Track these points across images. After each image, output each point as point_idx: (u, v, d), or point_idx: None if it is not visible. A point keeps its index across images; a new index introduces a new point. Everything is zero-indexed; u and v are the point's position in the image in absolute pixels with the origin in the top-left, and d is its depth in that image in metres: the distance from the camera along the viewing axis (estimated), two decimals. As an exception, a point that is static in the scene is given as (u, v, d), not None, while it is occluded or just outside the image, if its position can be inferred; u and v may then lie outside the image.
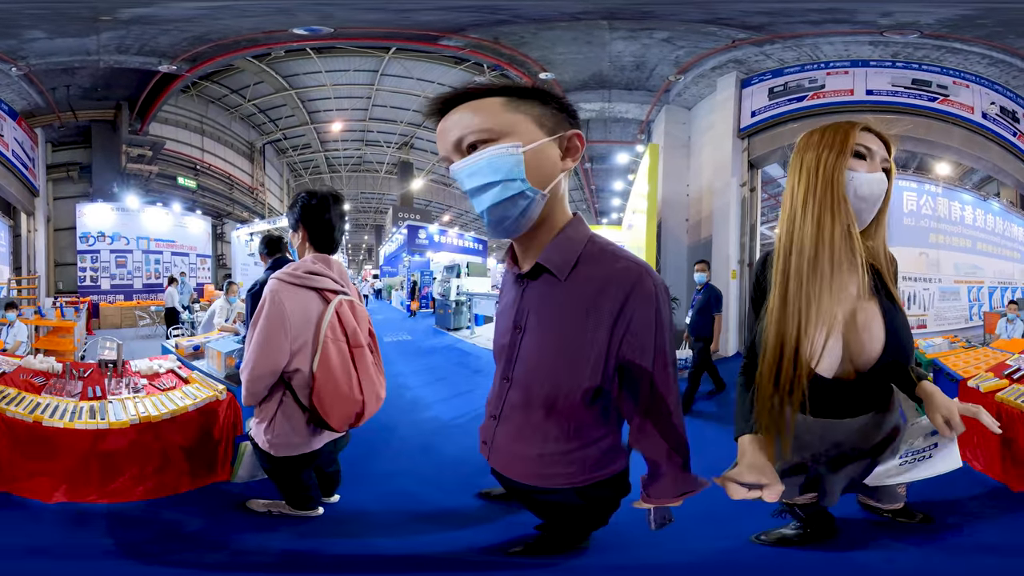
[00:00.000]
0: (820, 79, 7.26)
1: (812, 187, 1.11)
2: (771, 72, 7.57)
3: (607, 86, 9.00)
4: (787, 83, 7.46)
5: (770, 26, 6.90)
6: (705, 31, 7.05)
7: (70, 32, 7.18)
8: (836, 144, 1.12)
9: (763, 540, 1.89)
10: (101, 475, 2.15)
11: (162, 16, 6.94)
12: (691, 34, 7.20)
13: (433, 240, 16.77)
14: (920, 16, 6.27)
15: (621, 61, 8.19)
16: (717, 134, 7.96)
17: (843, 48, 7.11)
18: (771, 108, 7.47)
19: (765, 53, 7.43)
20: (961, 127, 6.80)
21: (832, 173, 1.10)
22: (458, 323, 10.28)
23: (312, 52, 10.32)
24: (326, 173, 17.64)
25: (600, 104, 9.57)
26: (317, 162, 17.01)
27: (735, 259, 7.59)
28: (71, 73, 8.65)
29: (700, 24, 6.94)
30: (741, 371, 1.32)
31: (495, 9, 7.01)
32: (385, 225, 19.41)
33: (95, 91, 9.52)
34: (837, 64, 7.16)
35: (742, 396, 1.28)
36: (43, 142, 10.08)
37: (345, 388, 1.68)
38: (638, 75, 8.61)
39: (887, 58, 6.98)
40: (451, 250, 17.08)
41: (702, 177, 8.53)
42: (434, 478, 2.73)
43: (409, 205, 17.24)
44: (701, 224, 8.60)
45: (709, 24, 6.89)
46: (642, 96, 9.14)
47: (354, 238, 24.50)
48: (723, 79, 7.85)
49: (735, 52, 7.43)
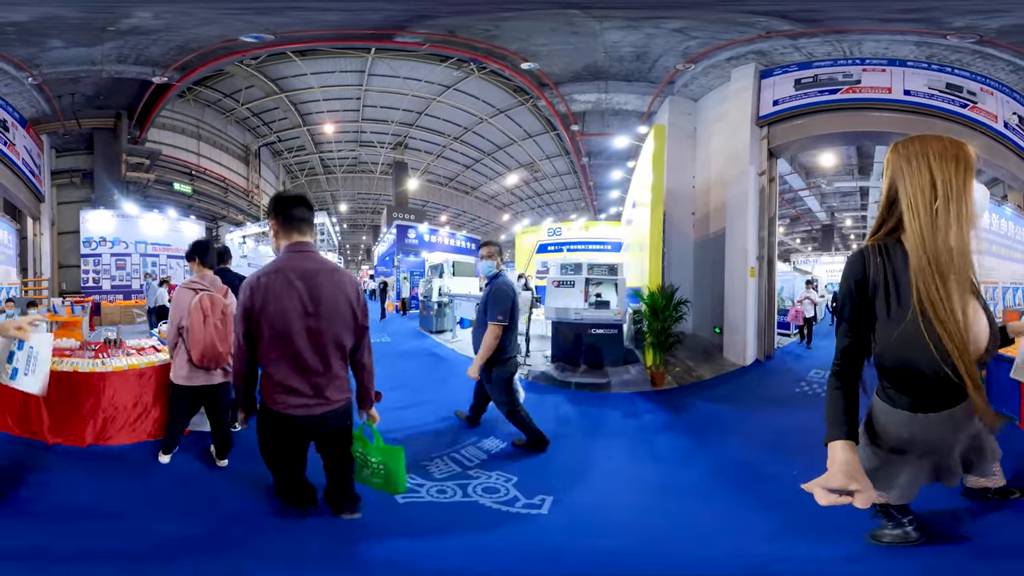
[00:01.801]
0: (855, 74, 6.99)
1: (947, 199, 1.19)
2: (797, 64, 7.29)
3: (602, 77, 8.72)
4: (817, 75, 7.14)
5: (821, 20, 6.54)
6: (739, 21, 6.73)
7: (83, 41, 7.52)
8: (963, 159, 1.22)
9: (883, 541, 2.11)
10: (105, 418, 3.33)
11: (150, 27, 7.25)
12: (710, 24, 6.85)
13: (424, 240, 16.58)
14: (986, 22, 6.11)
15: (618, 51, 7.88)
16: (730, 123, 7.43)
17: (883, 47, 6.92)
18: (797, 98, 7.17)
19: (796, 46, 7.12)
20: (986, 135, 6.78)
21: (965, 187, 1.21)
22: (441, 325, 9.79)
23: (293, 55, 10.61)
24: (321, 175, 18.02)
25: (596, 95, 9.29)
26: (312, 164, 17.38)
27: (753, 255, 6.79)
28: (76, 82, 9.00)
29: (736, 14, 6.61)
30: (833, 375, 1.32)
31: (442, 2, 6.95)
32: (381, 226, 19.72)
33: (97, 99, 9.90)
34: (873, 62, 6.96)
35: (835, 401, 1.28)
36: (48, 148, 10.47)
37: (199, 337, 2.84)
38: (639, 66, 8.27)
39: (922, 59, 6.83)
40: (444, 249, 16.86)
41: (710, 169, 8.07)
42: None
43: (404, 205, 17.47)
44: (709, 217, 7.93)
45: (751, 14, 6.54)
46: (643, 87, 8.64)
47: (351, 239, 24.92)
48: (738, 70, 7.41)
49: (760, 44, 6.98)
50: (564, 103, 9.87)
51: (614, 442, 3.81)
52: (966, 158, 1.22)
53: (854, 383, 1.29)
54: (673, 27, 7.03)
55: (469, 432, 3.74)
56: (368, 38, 8.89)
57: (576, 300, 6.35)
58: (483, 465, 3.15)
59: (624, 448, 3.71)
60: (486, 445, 3.50)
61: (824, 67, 7.15)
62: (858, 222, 20.23)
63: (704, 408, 4.80)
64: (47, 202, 10.58)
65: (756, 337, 6.68)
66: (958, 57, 6.77)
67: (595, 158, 12.60)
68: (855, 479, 1.09)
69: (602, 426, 4.19)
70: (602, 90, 9.01)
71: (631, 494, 2.89)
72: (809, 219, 21.09)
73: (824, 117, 7.06)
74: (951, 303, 1.17)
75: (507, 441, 3.52)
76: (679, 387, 5.48)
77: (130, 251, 11.09)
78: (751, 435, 3.97)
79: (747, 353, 6.54)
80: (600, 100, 9.43)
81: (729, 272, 7.07)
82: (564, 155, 15.47)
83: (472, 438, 3.61)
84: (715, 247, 7.56)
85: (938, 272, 1.18)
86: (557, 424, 4.03)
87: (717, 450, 3.61)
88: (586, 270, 6.59)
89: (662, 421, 4.32)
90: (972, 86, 6.78)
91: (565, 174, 16.80)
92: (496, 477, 2.96)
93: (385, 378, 4.27)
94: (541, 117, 13.44)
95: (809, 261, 18.54)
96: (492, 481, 2.91)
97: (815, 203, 18.71)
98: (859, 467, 1.13)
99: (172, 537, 2.25)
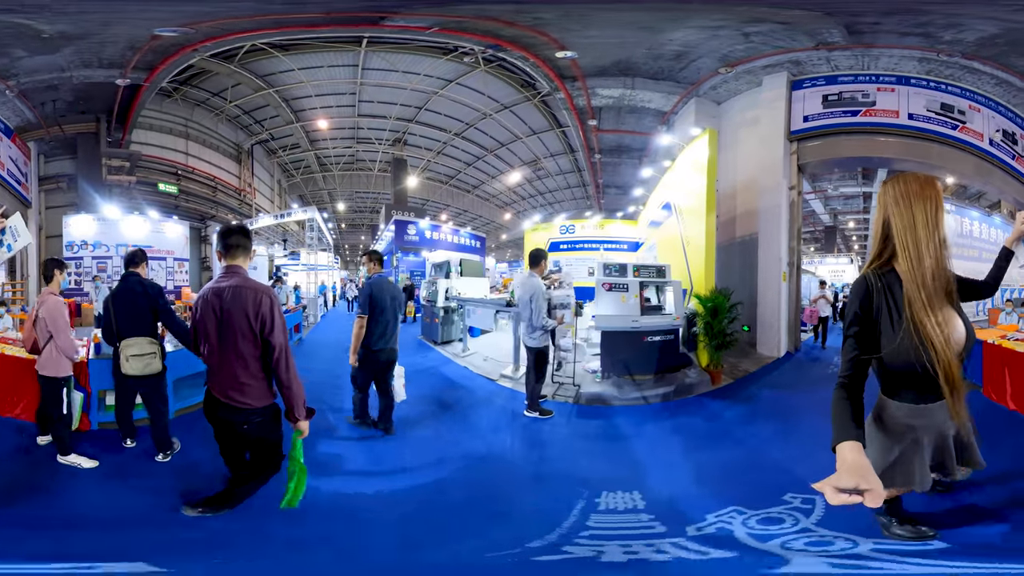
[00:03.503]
0: (871, 94, 7.36)
1: (929, 232, 1.52)
2: (824, 78, 7.54)
3: (630, 73, 8.41)
4: (841, 93, 7.45)
5: (860, 34, 6.65)
6: (807, 27, 6.65)
7: (42, 49, 7.38)
8: (933, 199, 1.54)
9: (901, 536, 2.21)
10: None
11: (74, 33, 6.93)
12: (769, 28, 6.74)
13: (425, 236, 15.27)
14: (963, 35, 6.32)
15: (662, 49, 7.59)
16: (762, 132, 7.73)
17: (894, 62, 7.25)
18: (825, 117, 7.52)
19: (828, 57, 7.29)
20: (973, 155, 7.33)
21: (938, 221, 1.53)
22: (447, 335, 8.30)
23: (272, 50, 10.10)
24: (318, 172, 17.43)
25: (620, 91, 8.91)
26: (308, 161, 16.80)
27: (785, 261, 7.49)
28: (54, 89, 9.04)
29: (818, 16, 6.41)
30: (840, 386, 1.48)
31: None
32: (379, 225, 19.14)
33: (78, 104, 9.91)
34: (886, 79, 7.34)
35: (842, 408, 1.40)
36: (36, 155, 10.70)
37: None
38: (672, 65, 8.04)
39: (923, 75, 7.29)
40: (446, 247, 15.67)
41: (736, 174, 7.99)
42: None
43: (404, 203, 16.73)
44: (736, 222, 8.05)
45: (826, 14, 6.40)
46: (669, 86, 8.60)
47: (349, 239, 24.36)
48: (770, 77, 7.65)
49: (799, 53, 7.25)
50: (587, 97, 9.39)
51: (724, 447, 3.80)
52: (936, 197, 1.55)
53: (859, 393, 1.45)
54: (739, 30, 7.00)
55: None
56: (359, 22, 8.20)
57: (631, 307, 5.67)
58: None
59: (735, 451, 3.69)
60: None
61: (847, 83, 7.45)
62: (860, 224, 20.26)
63: (767, 395, 5.38)
64: (34, 207, 10.77)
65: (787, 333, 7.38)
66: (951, 72, 7.18)
67: (608, 155, 12.19)
68: (865, 479, 1.11)
69: (698, 434, 4.15)
70: (628, 86, 8.75)
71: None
72: (812, 221, 21.00)
73: (845, 140, 7.51)
74: (934, 321, 1.47)
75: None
76: (735, 382, 5.88)
77: (111, 254, 11.12)
78: (823, 411, 4.42)
79: (780, 347, 7.27)
80: (623, 96, 9.12)
81: (763, 276, 7.63)
82: (568, 153, 14.96)
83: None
84: (742, 251, 7.85)
85: (924, 297, 1.48)
86: (667, 448, 3.73)
87: (806, 427, 4.00)
88: (631, 272, 5.94)
89: (739, 413, 4.68)
90: (962, 104, 7.31)
91: (568, 172, 16.25)
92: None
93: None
94: (547, 113, 12.85)
95: (813, 262, 18.63)
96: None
97: (819, 205, 18.72)
98: (868, 467, 1.17)
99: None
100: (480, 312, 7.67)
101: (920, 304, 1.47)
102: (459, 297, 8.47)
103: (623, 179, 13.98)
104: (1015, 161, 7.43)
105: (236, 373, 2.32)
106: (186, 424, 3.89)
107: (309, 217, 11.74)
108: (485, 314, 7.62)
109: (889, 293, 1.55)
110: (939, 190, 1.56)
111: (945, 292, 1.53)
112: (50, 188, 11.32)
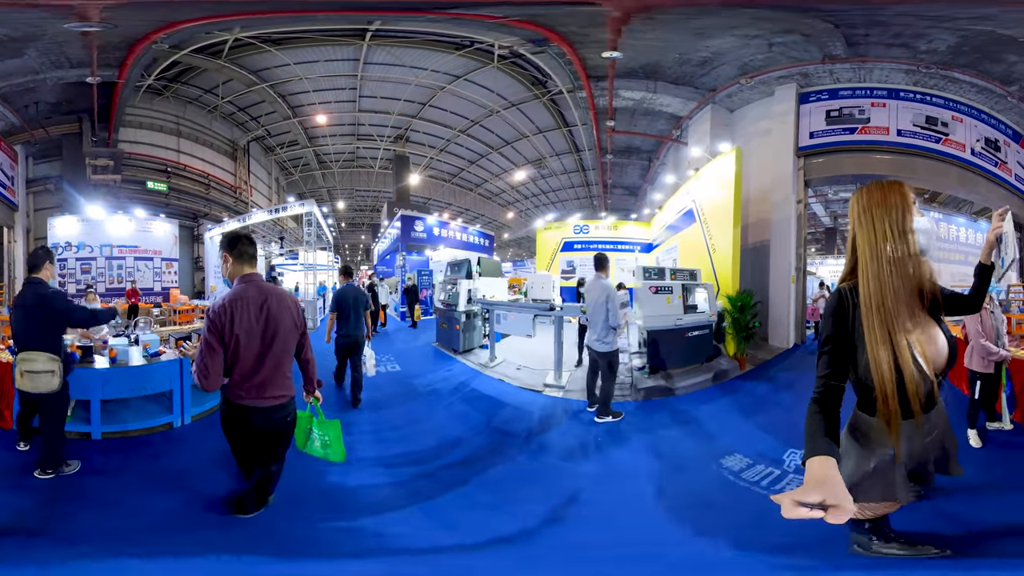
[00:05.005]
0: (866, 110, 7.83)
1: (895, 242, 1.45)
2: (827, 92, 7.96)
3: (655, 77, 8.57)
4: (841, 109, 7.92)
5: (856, 45, 6.98)
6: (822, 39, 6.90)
7: (5, 53, 7.27)
8: (899, 204, 1.47)
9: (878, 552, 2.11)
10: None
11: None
12: (805, 43, 7.01)
13: (433, 233, 14.18)
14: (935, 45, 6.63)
15: (693, 55, 7.75)
16: (774, 146, 8.26)
17: (885, 74, 7.57)
18: (828, 134, 8.02)
19: (831, 70, 7.64)
20: (957, 167, 7.68)
21: (905, 228, 1.46)
22: (469, 343, 7.44)
23: (264, 44, 9.62)
24: (316, 170, 16.90)
25: (642, 94, 9.07)
26: (307, 159, 16.26)
27: (794, 266, 8.36)
28: (33, 91, 8.93)
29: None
30: (814, 400, 1.41)
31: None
32: (381, 223, 18.59)
33: (61, 106, 9.77)
34: (879, 93, 7.74)
35: (815, 422, 1.35)
36: (23, 158, 10.50)
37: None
38: (695, 71, 8.23)
39: (910, 87, 7.62)
40: (454, 245, 14.81)
41: (748, 182, 7.94)
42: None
43: (406, 201, 16.16)
44: (749, 230, 8.29)
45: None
46: (687, 92, 8.87)
47: (349, 238, 23.85)
48: (782, 88, 8.11)
49: (808, 66, 7.62)
50: (610, 97, 9.47)
51: (768, 412, 4.73)
52: (901, 202, 1.48)
53: (834, 408, 1.40)
54: (769, 40, 7.22)
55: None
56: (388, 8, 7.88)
57: (675, 307, 6.36)
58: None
59: (776, 413, 4.70)
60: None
61: (847, 98, 7.88)
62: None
63: (784, 376, 6.36)
64: (21, 210, 10.63)
65: (794, 327, 8.23)
66: (935, 82, 7.38)
67: (619, 156, 12.24)
68: (833, 494, 1.07)
69: (746, 407, 4.94)
70: (651, 89, 8.95)
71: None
72: (813, 223, 21.06)
73: (845, 157, 8.02)
74: (888, 347, 1.41)
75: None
76: (756, 367, 6.74)
77: (95, 255, 10.85)
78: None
79: (789, 339, 8.15)
80: (644, 99, 9.32)
81: (774, 279, 8.44)
82: (572, 152, 14.44)
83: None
84: (754, 256, 8.41)
85: (877, 322, 1.43)
86: (740, 414, 4.70)
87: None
88: (668, 275, 6.67)
89: (768, 389, 5.73)
90: (945, 115, 7.58)
91: (572, 171, 15.78)
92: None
93: (405, 457, 3.72)
94: (555, 112, 12.32)
95: (814, 263, 18.68)
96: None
97: (820, 208, 19.02)
98: (838, 482, 1.12)
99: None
100: (514, 317, 6.63)
101: (869, 326, 1.42)
102: (484, 300, 7.45)
103: (630, 180, 13.74)
104: (998, 168, 7.67)
105: (284, 371, 2.54)
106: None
107: (307, 211, 11.00)
108: (521, 319, 6.55)
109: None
110: (905, 194, 1.48)
111: (924, 304, 1.46)
112: (38, 191, 11.18)
